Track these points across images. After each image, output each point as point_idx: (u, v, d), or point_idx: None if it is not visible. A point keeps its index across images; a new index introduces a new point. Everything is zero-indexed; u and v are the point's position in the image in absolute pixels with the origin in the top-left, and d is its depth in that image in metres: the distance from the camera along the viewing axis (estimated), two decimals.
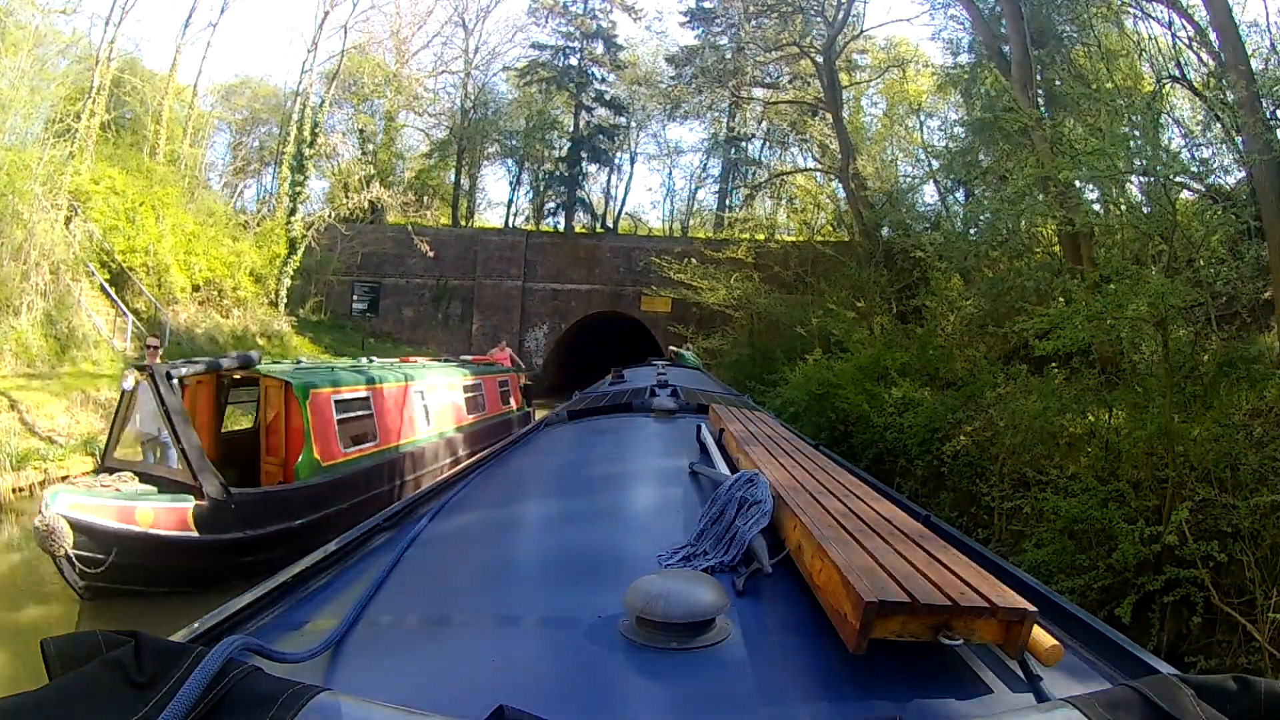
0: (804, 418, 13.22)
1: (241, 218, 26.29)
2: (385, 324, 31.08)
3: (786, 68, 29.96)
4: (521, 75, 36.38)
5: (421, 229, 30.30)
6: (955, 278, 17.03)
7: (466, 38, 37.99)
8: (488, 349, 31.21)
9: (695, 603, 1.46)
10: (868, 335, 16.29)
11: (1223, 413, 6.79)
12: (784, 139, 33.91)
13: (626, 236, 34.42)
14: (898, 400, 11.72)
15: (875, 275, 18.42)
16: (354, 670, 1.47)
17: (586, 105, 35.97)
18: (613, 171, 39.72)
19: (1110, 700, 1.07)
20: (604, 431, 4.28)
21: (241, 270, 22.79)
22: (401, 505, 2.77)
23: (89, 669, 0.98)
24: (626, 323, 31.09)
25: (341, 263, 29.46)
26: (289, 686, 1.01)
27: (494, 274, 31.38)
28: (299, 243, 24.83)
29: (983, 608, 1.36)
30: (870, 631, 1.33)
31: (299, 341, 24.18)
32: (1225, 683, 1.06)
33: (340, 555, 2.21)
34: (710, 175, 39.58)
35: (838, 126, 22.87)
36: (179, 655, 1.03)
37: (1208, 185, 9.03)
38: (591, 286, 31.23)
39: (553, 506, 2.95)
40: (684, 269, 23.30)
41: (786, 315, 19.67)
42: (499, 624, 1.67)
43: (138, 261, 19.63)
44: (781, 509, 1.99)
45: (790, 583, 1.74)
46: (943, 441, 10.60)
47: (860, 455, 12.38)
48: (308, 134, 25.54)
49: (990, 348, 13.89)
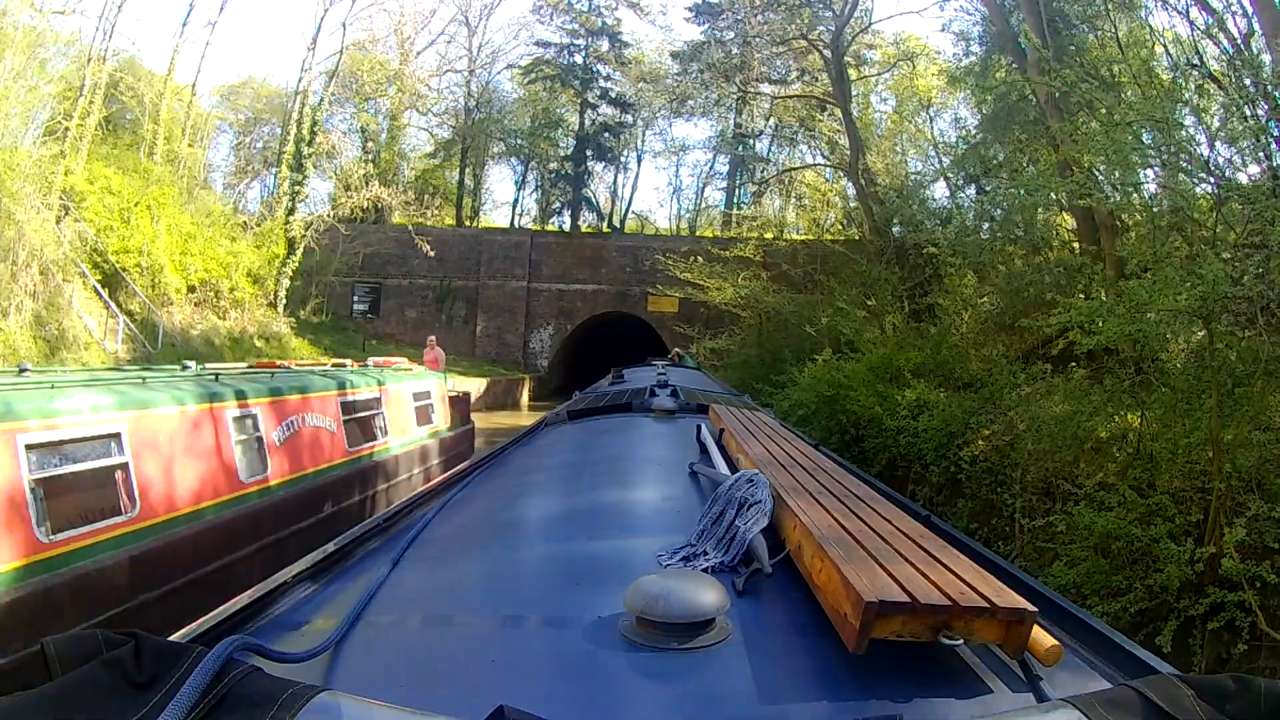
0: (813, 420, 12.65)
1: (241, 218, 25.88)
2: (388, 325, 30.67)
3: (794, 63, 29.51)
4: (526, 73, 35.99)
5: (424, 229, 29.96)
6: (969, 275, 16.54)
7: (470, 36, 37.61)
8: (492, 350, 31.27)
9: (695, 603, 1.45)
10: (879, 335, 15.70)
11: (1271, 417, 6.20)
12: (792, 136, 33.50)
13: (633, 236, 33.98)
14: (911, 403, 11.14)
15: (886, 273, 17.83)
16: (354, 670, 1.46)
17: (591, 103, 35.60)
18: (619, 170, 39.44)
19: (1110, 700, 1.06)
20: (604, 431, 4.24)
21: (239, 271, 22.38)
22: (401, 505, 2.74)
23: (89, 669, 0.96)
24: (633, 323, 30.62)
25: (343, 263, 29.12)
26: (289, 686, 0.99)
27: (498, 274, 30.95)
28: (298, 243, 24.41)
29: (983, 608, 1.35)
30: (870, 631, 1.32)
31: (298, 343, 23.75)
32: (1225, 682, 1.05)
33: (340, 555, 2.18)
34: (718, 173, 39.13)
35: (846, 121, 22.31)
36: (179, 655, 1.02)
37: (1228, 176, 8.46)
38: (597, 287, 30.82)
39: (552, 506, 2.91)
40: (691, 268, 22.78)
41: (795, 314, 19.08)
42: (499, 624, 1.66)
43: (131, 262, 19.30)
44: (781, 509, 1.98)
45: (790, 583, 1.74)
46: (960, 446, 10.02)
47: (872, 460, 11.83)
48: (306, 132, 25.14)
49: (1008, 346, 13.38)
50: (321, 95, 26.62)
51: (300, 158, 24.97)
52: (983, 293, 15.44)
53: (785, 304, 19.81)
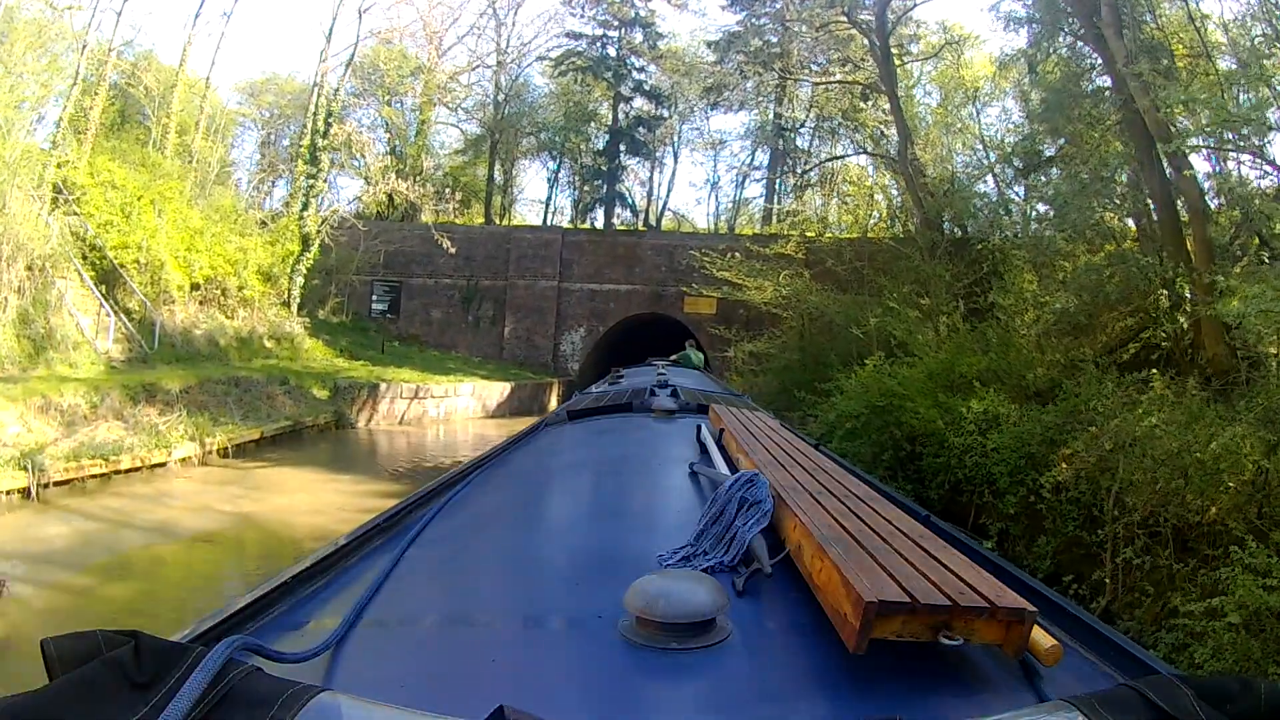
0: (862, 434, 11.14)
1: (257, 214, 24.90)
2: (412, 326, 29.57)
3: (835, 51, 28.01)
4: (556, 65, 34.78)
5: (450, 227, 28.85)
6: (1030, 271, 15.05)
7: (499, 28, 36.42)
8: (521, 353, 30.07)
9: (695, 603, 1.43)
10: (934, 337, 14.12)
11: None
12: (834, 129, 31.93)
13: (668, 234, 32.63)
14: (978, 415, 9.60)
15: (940, 269, 16.28)
16: (354, 670, 1.44)
17: (625, 96, 34.32)
18: (654, 166, 38.14)
19: (1110, 700, 1.05)
20: (604, 431, 4.23)
21: (248, 268, 21.30)
22: (401, 505, 2.61)
23: (89, 669, 0.95)
24: (669, 325, 29.14)
25: (365, 262, 28.04)
26: (289, 686, 0.98)
27: (528, 274, 29.68)
28: (313, 239, 23.29)
29: (983, 608, 1.34)
30: (870, 631, 1.31)
31: (312, 344, 22.63)
32: (1226, 683, 1.04)
33: (340, 555, 2.08)
34: (758, 167, 37.64)
35: (894, 106, 20.65)
36: (179, 655, 1.00)
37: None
38: (631, 286, 29.42)
39: (552, 506, 2.93)
40: (729, 265, 21.34)
41: (842, 314, 17.53)
42: (499, 624, 1.66)
43: (130, 258, 18.29)
44: (781, 509, 1.95)
45: (790, 583, 1.71)
46: (1040, 470, 8.48)
47: (929, 483, 10.34)
48: (321, 124, 24.06)
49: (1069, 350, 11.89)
50: (337, 85, 25.52)
51: (315, 150, 23.87)
52: (1046, 290, 13.93)
53: (830, 304, 18.27)
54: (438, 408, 20.80)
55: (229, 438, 13.81)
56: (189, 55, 26.23)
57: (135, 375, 15.17)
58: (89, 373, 14.84)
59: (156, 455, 12.44)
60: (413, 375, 21.27)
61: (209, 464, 13.13)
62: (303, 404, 17.29)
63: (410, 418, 19.88)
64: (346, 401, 18.43)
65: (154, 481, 11.91)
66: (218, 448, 13.49)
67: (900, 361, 12.44)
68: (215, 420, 14.21)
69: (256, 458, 13.89)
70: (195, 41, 25.92)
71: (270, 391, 16.96)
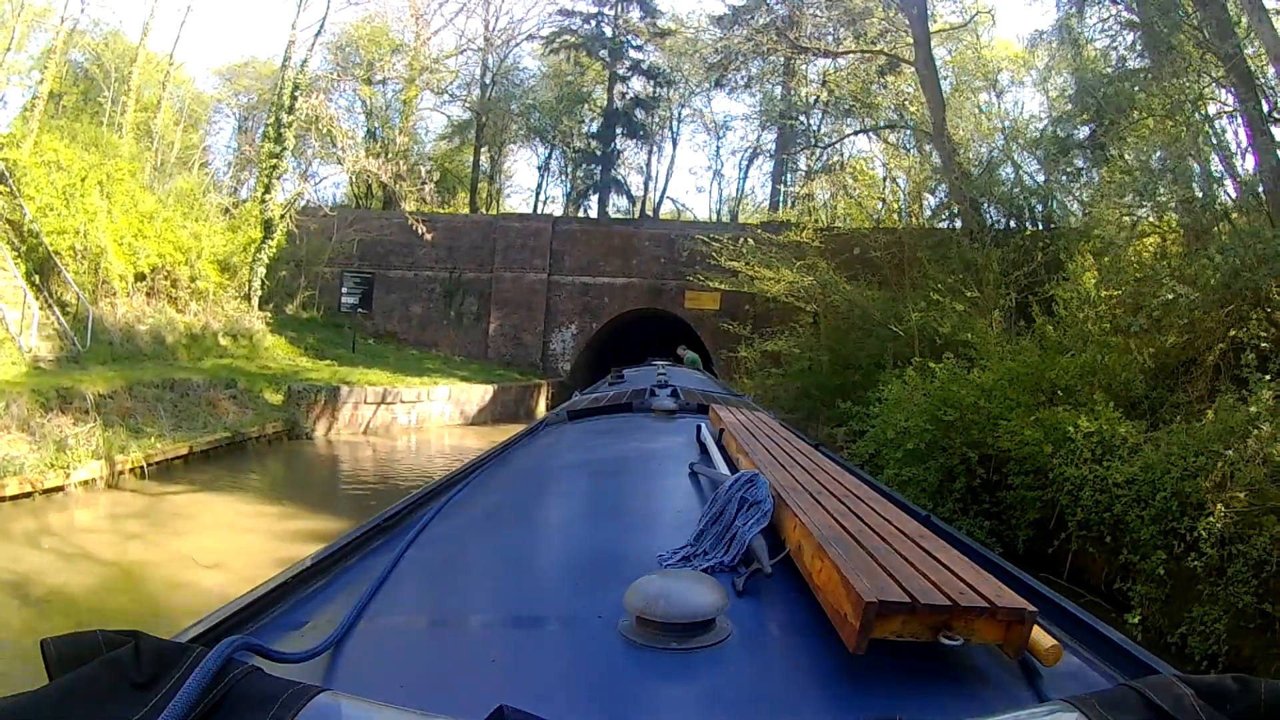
0: (926, 456, 8.88)
1: (219, 200, 22.62)
2: (390, 322, 27.23)
3: (847, 29, 25.82)
4: (547, 43, 32.45)
5: (432, 215, 26.56)
6: (1089, 260, 12.85)
7: (487, 5, 34.04)
8: (507, 351, 27.71)
9: (695, 603, 1.39)
10: (992, 335, 11.82)
11: None
12: (848, 109, 29.64)
13: (668, 223, 30.37)
14: (1091, 438, 7.33)
15: (992, 256, 14.03)
16: (354, 670, 1.40)
17: (621, 75, 32.02)
18: (653, 152, 35.88)
19: (1110, 700, 1.02)
20: (603, 431, 4.09)
21: (202, 257, 18.98)
22: (401, 505, 2.50)
23: (89, 669, 0.94)
24: (668, 322, 26.95)
25: (339, 252, 25.76)
26: (289, 686, 0.96)
27: (515, 266, 27.32)
28: (275, 225, 20.95)
29: (983, 608, 1.29)
30: (870, 631, 1.27)
31: (274, 342, 20.29)
32: (1226, 682, 1.00)
33: (340, 555, 2.03)
34: (764, 151, 35.36)
35: (927, 72, 18.29)
36: (179, 655, 0.98)
37: None
38: (627, 280, 27.10)
39: (552, 506, 2.83)
40: (737, 253, 19.03)
41: (879, 308, 15.19)
42: (499, 624, 1.62)
43: (65, 245, 16.05)
44: (781, 509, 1.89)
45: (790, 583, 1.66)
46: (1194, 515, 6.23)
47: (1015, 522, 8.13)
48: (287, 99, 21.71)
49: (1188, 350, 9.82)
50: (305, 56, 23.18)
51: (280, 127, 21.54)
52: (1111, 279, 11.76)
53: (862, 297, 15.92)
54: (409, 414, 18.40)
55: (147, 454, 11.43)
56: (151, 28, 24.37)
57: (55, 378, 12.91)
58: (9, 374, 12.73)
59: (52, 477, 10.13)
60: (383, 377, 18.88)
61: (119, 487, 10.75)
62: (250, 411, 14.97)
63: (376, 426, 17.49)
64: (302, 408, 16.08)
65: (42, 512, 9.60)
66: (131, 466, 11.13)
67: (957, 365, 10.20)
68: (137, 432, 11.89)
69: (181, 479, 11.49)
70: (159, 14, 23.74)
71: (213, 396, 14.65)
